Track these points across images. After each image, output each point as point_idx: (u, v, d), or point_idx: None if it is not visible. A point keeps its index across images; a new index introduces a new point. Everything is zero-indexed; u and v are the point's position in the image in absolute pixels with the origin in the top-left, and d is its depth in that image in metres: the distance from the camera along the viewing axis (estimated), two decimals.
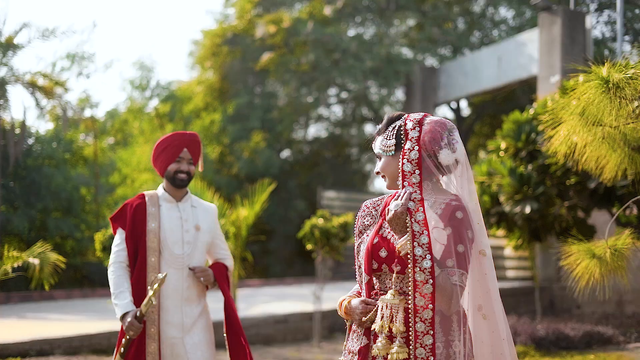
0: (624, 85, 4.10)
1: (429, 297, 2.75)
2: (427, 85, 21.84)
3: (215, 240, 4.56)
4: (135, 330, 4.08)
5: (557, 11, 16.57)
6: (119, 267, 4.31)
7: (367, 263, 3.00)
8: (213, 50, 22.88)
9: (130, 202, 4.43)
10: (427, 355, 2.76)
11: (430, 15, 24.26)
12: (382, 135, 3.09)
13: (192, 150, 4.41)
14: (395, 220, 2.82)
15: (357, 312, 2.97)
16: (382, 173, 3.08)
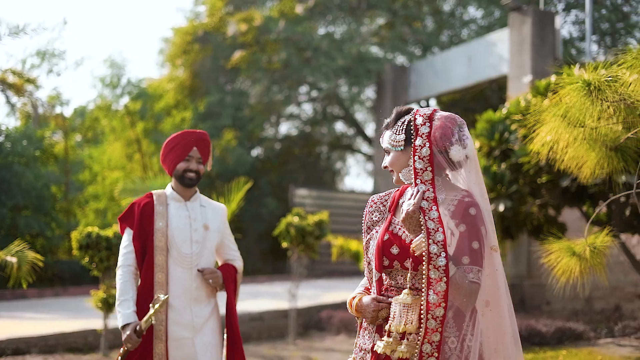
0: (604, 88, 4.20)
1: (442, 295, 2.74)
2: (398, 84, 21.98)
3: (225, 240, 4.51)
4: (133, 343, 4.06)
5: (527, 11, 16.77)
6: (126, 272, 4.26)
7: (378, 260, 2.98)
8: (184, 48, 22.83)
9: (138, 201, 4.39)
10: (432, 352, 2.77)
11: (400, 15, 24.39)
12: (391, 130, 3.08)
13: (202, 149, 4.36)
14: (408, 220, 2.81)
15: (370, 310, 2.95)
16: (391, 168, 3.07)
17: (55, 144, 18.81)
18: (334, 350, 10.38)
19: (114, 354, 9.28)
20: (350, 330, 11.71)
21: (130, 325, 4.11)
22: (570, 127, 4.33)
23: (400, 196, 3.12)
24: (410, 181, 2.97)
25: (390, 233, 2.99)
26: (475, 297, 2.83)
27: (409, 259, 2.88)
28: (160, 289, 4.13)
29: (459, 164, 2.93)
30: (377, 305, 2.95)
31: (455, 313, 2.86)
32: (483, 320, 2.93)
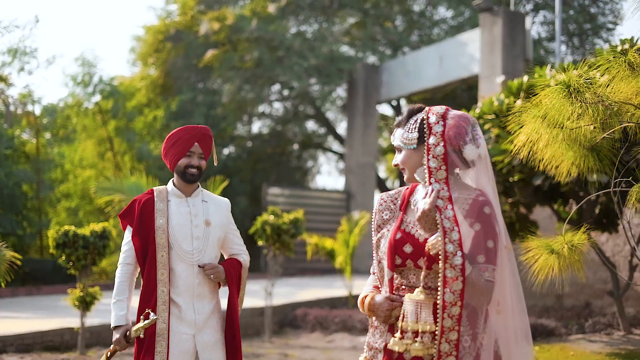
0: (584, 90, 4.32)
1: (459, 293, 2.74)
2: (369, 83, 22.12)
3: (229, 235, 4.43)
4: (121, 347, 4.10)
5: (498, 12, 16.97)
6: (124, 271, 4.28)
7: (391, 259, 2.96)
8: (156, 46, 22.79)
9: (139, 198, 4.34)
10: (450, 351, 2.77)
11: (371, 14, 24.52)
12: (403, 128, 3.05)
13: (203, 145, 4.28)
14: (424, 218, 2.80)
15: (383, 309, 2.94)
16: (402, 166, 3.04)
17: (27, 143, 18.69)
18: (310, 348, 10.46)
19: (92, 353, 9.29)
20: (325, 328, 11.81)
21: (121, 328, 4.13)
22: (550, 127, 4.44)
23: (410, 194, 3.10)
24: (425, 180, 2.95)
25: (402, 232, 2.97)
26: (490, 296, 2.84)
27: (423, 258, 2.87)
28: (163, 286, 4.12)
29: (472, 162, 2.94)
30: (390, 304, 2.94)
31: (469, 312, 2.87)
32: (496, 318, 2.94)
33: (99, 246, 9.02)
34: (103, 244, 9.05)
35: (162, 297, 4.11)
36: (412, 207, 3.03)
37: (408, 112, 3.10)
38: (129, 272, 4.29)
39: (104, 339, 10.08)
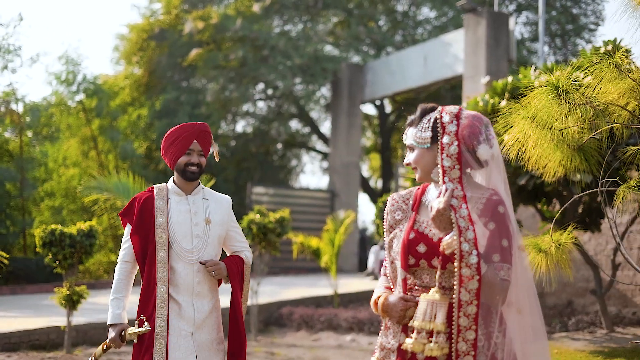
0: (572, 91, 4.39)
1: (475, 292, 2.73)
2: (353, 83, 22.18)
3: (231, 232, 4.40)
4: (116, 346, 4.12)
5: (482, 13, 17.06)
6: (123, 269, 4.27)
7: (404, 259, 2.94)
8: (140, 45, 22.76)
9: (139, 196, 4.31)
10: (467, 350, 2.76)
11: (355, 14, 24.59)
12: (416, 127, 3.03)
13: (202, 142, 4.24)
14: (439, 218, 2.80)
15: (397, 309, 2.91)
16: (414, 165, 3.02)
17: (10, 141, 18.61)
18: (295, 346, 10.51)
19: (78, 351, 9.29)
20: (310, 327, 11.86)
21: (117, 327, 4.13)
22: (539, 128, 4.50)
23: (422, 194, 3.08)
24: (439, 179, 2.93)
25: (416, 231, 2.96)
26: (506, 295, 2.84)
27: (437, 257, 2.86)
28: (162, 284, 4.10)
29: (485, 162, 2.94)
30: (404, 305, 2.91)
31: (484, 311, 2.86)
32: (510, 317, 2.93)
33: (86, 245, 9.01)
34: (90, 242, 9.04)
35: (161, 295, 4.10)
36: (427, 207, 3.01)
37: (421, 111, 3.07)
38: (127, 270, 4.28)
39: (90, 338, 10.08)
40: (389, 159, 27.78)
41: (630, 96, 4.67)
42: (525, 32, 27.29)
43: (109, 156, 20.17)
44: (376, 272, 17.73)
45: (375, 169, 32.80)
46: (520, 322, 2.94)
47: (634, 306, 12.84)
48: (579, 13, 27.41)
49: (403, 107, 26.39)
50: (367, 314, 11.66)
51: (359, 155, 23.44)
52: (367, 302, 13.64)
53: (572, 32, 27.21)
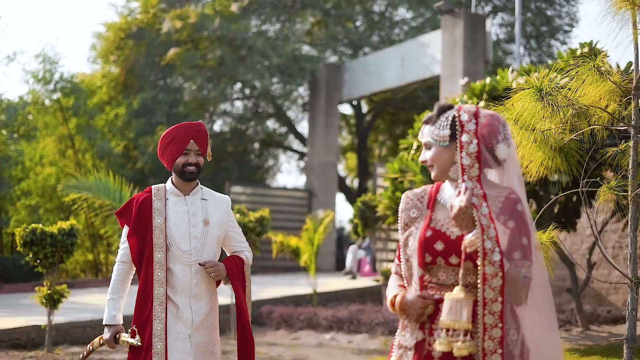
0: (555, 93, 4.49)
1: (499, 290, 2.75)
2: (331, 83, 22.26)
3: (230, 232, 4.36)
4: (110, 347, 4.15)
5: (459, 14, 17.21)
6: (120, 270, 4.24)
7: (421, 256, 2.94)
8: (117, 44, 22.68)
9: (137, 196, 4.28)
10: (495, 348, 2.77)
11: (332, 14, 24.68)
12: (434, 125, 3.00)
13: (199, 141, 4.21)
14: (461, 216, 2.80)
15: (416, 307, 2.90)
16: (431, 163, 3.01)
17: None
18: (276, 345, 10.57)
19: (59, 350, 9.28)
20: (290, 325, 11.92)
21: (111, 328, 4.14)
22: (522, 130, 4.60)
23: (437, 192, 3.09)
24: (457, 177, 2.96)
25: (432, 229, 2.96)
26: (527, 292, 2.86)
27: (455, 255, 2.88)
28: (160, 286, 4.06)
29: (502, 161, 2.96)
30: (423, 302, 2.90)
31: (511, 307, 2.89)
32: (525, 314, 2.95)
33: (67, 244, 9.00)
34: (71, 241, 9.03)
35: (159, 297, 4.07)
36: (442, 205, 3.02)
37: (438, 109, 3.03)
38: (125, 271, 4.26)
39: (70, 337, 10.08)
40: (365, 158, 27.90)
41: (610, 98, 4.78)
42: (501, 33, 27.54)
43: (86, 155, 20.10)
44: (354, 272, 17.82)
45: (352, 169, 32.91)
46: (535, 318, 2.95)
47: (608, 304, 13.04)
48: (553, 15, 27.69)
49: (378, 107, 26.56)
50: (347, 312, 11.75)
51: (337, 155, 23.54)
52: (345, 301, 13.72)
53: (547, 34, 27.48)
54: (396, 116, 27.62)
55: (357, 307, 12.28)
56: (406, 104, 25.54)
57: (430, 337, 2.90)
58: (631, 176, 4.76)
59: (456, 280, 2.88)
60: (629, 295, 4.77)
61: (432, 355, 2.87)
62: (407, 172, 11.68)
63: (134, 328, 4.03)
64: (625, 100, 4.86)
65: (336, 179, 23.26)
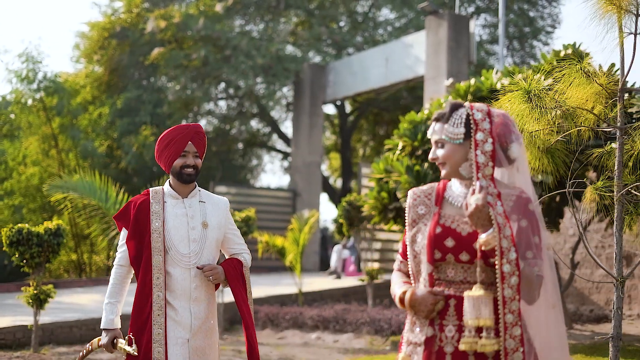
0: (543, 96, 4.57)
1: (516, 288, 2.78)
2: (315, 83, 22.31)
3: (228, 234, 4.33)
4: (108, 351, 4.12)
5: (443, 15, 17.30)
6: (118, 273, 4.20)
7: (430, 253, 2.93)
8: (101, 43, 22.61)
9: (135, 199, 4.24)
10: (516, 346, 2.79)
11: (317, 15, 24.73)
12: (448, 123, 2.98)
13: (197, 143, 4.19)
14: (478, 214, 2.81)
15: (427, 303, 2.89)
16: (443, 160, 3.00)
17: None
18: (262, 344, 10.59)
19: (45, 350, 9.26)
20: (275, 325, 11.95)
21: (109, 333, 4.11)
22: None
23: (444, 190, 3.09)
24: (470, 175, 2.97)
25: (442, 226, 2.96)
26: (540, 290, 2.90)
27: (465, 252, 2.89)
28: (159, 291, 4.04)
29: (514, 160, 2.98)
30: (434, 299, 2.90)
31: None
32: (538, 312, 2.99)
33: (53, 244, 9.00)
34: (57, 241, 9.03)
35: (157, 302, 4.04)
36: (450, 202, 3.03)
37: (451, 106, 3.01)
38: (123, 275, 4.22)
39: (56, 337, 10.07)
40: (349, 158, 27.97)
41: (596, 100, 4.86)
42: (484, 34, 27.70)
43: (69, 155, 20.02)
44: (338, 271, 17.88)
45: (335, 169, 32.98)
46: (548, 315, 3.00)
47: (591, 304, 13.17)
48: (536, 16, 27.89)
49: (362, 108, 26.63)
50: (332, 312, 11.80)
51: (321, 155, 23.60)
52: (330, 301, 13.77)
53: (530, 35, 27.67)
54: (380, 116, 27.71)
55: (342, 307, 12.34)
56: (389, 104, 25.63)
57: (441, 333, 2.90)
58: (617, 177, 4.84)
59: (465, 278, 2.90)
60: (615, 294, 4.84)
61: (444, 351, 2.87)
62: (393, 172, 11.75)
63: (130, 336, 4.00)
64: (611, 102, 4.95)
65: (320, 179, 23.31)
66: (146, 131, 20.88)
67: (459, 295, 2.89)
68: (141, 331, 4.02)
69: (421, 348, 2.91)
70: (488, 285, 2.86)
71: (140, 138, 20.67)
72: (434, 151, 3.03)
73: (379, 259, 18.09)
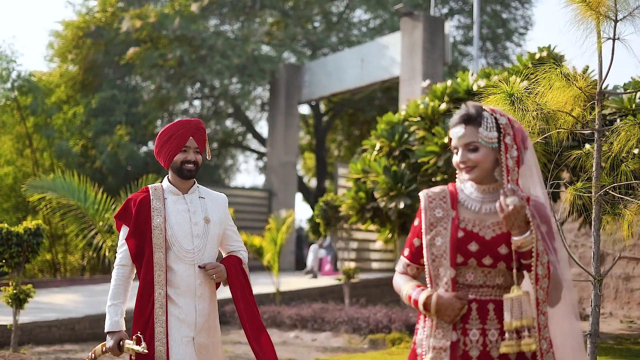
0: (525, 98, 4.69)
1: (546, 290, 2.84)
2: (291, 83, 22.38)
3: (227, 231, 4.28)
4: (114, 354, 3.96)
5: (418, 17, 17.44)
6: (120, 274, 4.11)
7: (453, 257, 2.91)
8: (75, 42, 22.49)
9: (134, 197, 4.16)
10: (548, 348, 2.88)
11: (292, 15, 24.80)
12: (481, 126, 2.96)
13: (198, 139, 4.15)
14: (515, 216, 2.81)
15: (455, 308, 2.86)
16: (475, 164, 2.97)
17: None
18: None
19: (25, 350, 9.27)
20: None
21: (115, 335, 3.98)
22: None
23: (456, 193, 3.08)
24: (500, 180, 2.98)
25: (464, 230, 2.95)
26: (561, 292, 2.98)
27: (488, 256, 2.90)
28: (160, 288, 3.98)
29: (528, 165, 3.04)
30: (462, 304, 2.88)
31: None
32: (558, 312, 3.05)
33: (33, 244, 9.00)
34: (37, 241, 9.03)
35: (159, 300, 3.98)
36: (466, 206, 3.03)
37: (477, 109, 3.00)
38: (125, 275, 4.13)
39: (35, 337, 10.08)
40: (324, 158, 28.07)
41: (575, 103, 5.00)
42: (458, 35, 27.93)
43: (44, 154, 19.92)
44: (315, 271, 17.97)
45: (309, 169, 33.06)
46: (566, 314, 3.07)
47: None
48: (508, 18, 28.18)
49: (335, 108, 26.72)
50: (310, 311, 11.90)
51: (296, 155, 23.67)
52: (307, 300, 13.85)
53: (503, 36, 27.94)
54: (354, 117, 27.83)
55: (320, 306, 12.43)
56: (364, 105, 25.75)
57: (465, 337, 2.89)
58: (595, 178, 4.98)
59: (484, 282, 2.91)
60: (593, 292, 4.98)
61: (469, 355, 2.88)
62: (370, 172, 11.87)
63: (139, 335, 3.91)
64: (589, 105, 5.08)
65: (296, 178, 23.39)
66: (121, 131, 20.82)
67: (481, 299, 2.91)
68: (143, 330, 3.96)
69: (446, 353, 2.88)
70: (504, 289, 2.91)
71: (115, 138, 20.59)
72: (464, 154, 2.97)
73: (355, 258, 18.21)
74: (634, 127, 5.08)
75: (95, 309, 11.21)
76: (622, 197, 5.29)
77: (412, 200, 11.19)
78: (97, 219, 10.49)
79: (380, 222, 12.30)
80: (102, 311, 4.25)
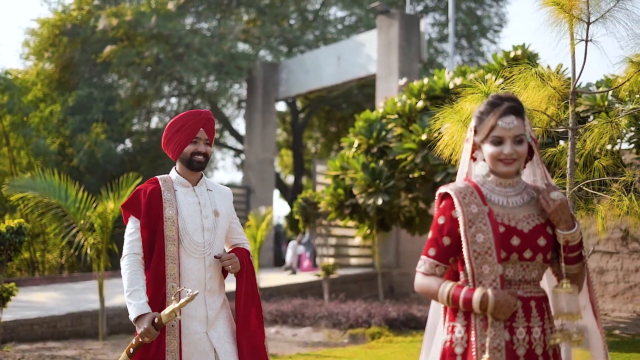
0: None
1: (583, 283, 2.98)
2: (268, 81, 22.49)
3: (232, 224, 4.20)
4: (151, 337, 3.69)
5: (394, 15, 17.62)
6: (134, 261, 3.93)
7: (499, 253, 2.85)
8: (51, 40, 22.44)
9: (143, 187, 4.05)
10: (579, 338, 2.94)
11: (268, 13, 24.89)
12: (525, 119, 2.95)
13: (208, 130, 4.06)
14: (562, 209, 2.85)
15: (511, 305, 2.79)
16: (519, 157, 2.92)
17: None
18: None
19: (8, 348, 9.32)
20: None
21: (146, 317, 3.73)
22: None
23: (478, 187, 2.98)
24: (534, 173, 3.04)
25: (503, 225, 2.90)
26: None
27: (528, 249, 2.88)
28: (173, 281, 3.87)
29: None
30: (516, 300, 2.83)
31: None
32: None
33: (15, 242, 9.04)
34: (19, 240, 9.07)
35: (172, 293, 3.84)
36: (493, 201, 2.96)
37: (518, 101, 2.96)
38: (138, 262, 3.96)
39: (18, 334, 10.12)
40: (301, 155, 28.19)
41: (550, 102, 5.17)
42: (432, 32, 28.16)
43: (21, 153, 19.87)
44: (294, 267, 18.09)
45: (286, 165, 33.17)
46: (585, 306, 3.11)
47: None
48: (483, 15, 28.46)
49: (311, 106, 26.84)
50: (291, 306, 12.03)
51: (274, 152, 23.79)
52: (287, 296, 13.96)
53: (478, 33, 28.23)
54: (331, 114, 27.98)
55: (300, 302, 12.56)
56: (341, 102, 25.91)
57: (512, 336, 2.85)
58: (569, 174, 5.16)
59: (523, 276, 2.89)
60: None
61: (517, 354, 2.85)
62: (349, 169, 12.03)
63: (179, 289, 3.76)
64: (563, 104, 5.26)
65: (274, 175, 23.51)
66: (97, 129, 20.82)
67: (524, 297, 2.89)
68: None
69: (501, 353, 2.83)
70: (537, 283, 2.94)
71: (92, 136, 20.60)
72: (512, 146, 2.89)
73: (334, 254, 18.36)
74: (607, 125, 5.27)
75: (76, 306, 11.25)
76: (596, 193, 5.47)
77: (390, 196, 11.37)
78: (78, 217, 10.51)
79: (359, 219, 12.47)
80: (84, 309, 4.25)
